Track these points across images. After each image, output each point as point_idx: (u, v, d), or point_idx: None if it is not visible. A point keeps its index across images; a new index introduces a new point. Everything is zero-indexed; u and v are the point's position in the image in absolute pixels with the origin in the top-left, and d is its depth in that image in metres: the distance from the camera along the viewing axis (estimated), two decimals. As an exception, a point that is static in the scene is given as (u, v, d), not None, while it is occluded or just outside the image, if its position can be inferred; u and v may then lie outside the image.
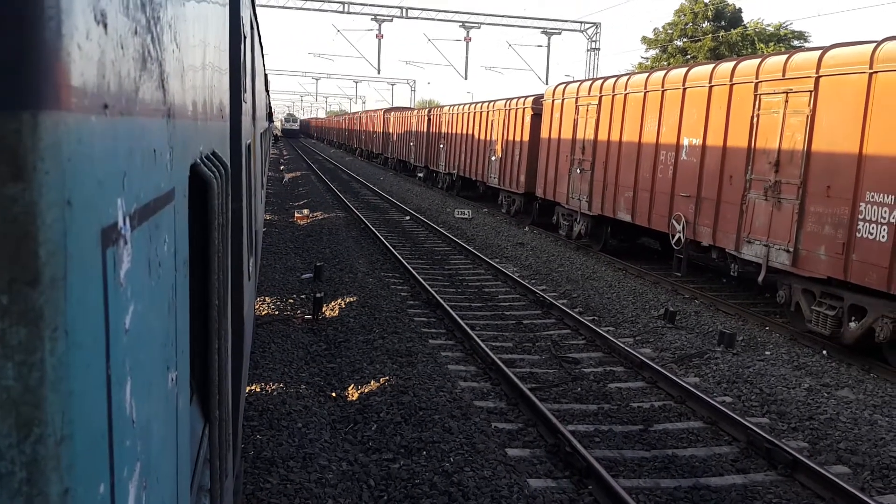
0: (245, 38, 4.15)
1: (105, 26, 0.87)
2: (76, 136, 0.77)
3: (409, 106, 72.32)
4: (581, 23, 43.28)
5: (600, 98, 18.99)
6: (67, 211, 0.74)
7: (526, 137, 24.37)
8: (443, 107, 38.08)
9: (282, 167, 46.10)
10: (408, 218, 25.42)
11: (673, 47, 49.28)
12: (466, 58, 44.35)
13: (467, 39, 41.95)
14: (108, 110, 0.89)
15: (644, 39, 51.13)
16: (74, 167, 0.76)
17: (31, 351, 0.71)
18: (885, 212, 10.05)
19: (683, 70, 15.90)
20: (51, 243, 0.72)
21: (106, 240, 0.88)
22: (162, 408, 1.29)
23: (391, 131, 49.49)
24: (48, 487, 0.72)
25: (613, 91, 18.42)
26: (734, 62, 14.23)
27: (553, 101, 21.95)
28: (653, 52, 51.04)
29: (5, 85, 0.68)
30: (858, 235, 10.45)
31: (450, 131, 34.30)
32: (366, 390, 8.69)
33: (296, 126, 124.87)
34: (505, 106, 26.79)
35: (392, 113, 50.66)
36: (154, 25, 1.19)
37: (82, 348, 0.79)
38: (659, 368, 9.71)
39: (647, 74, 17.50)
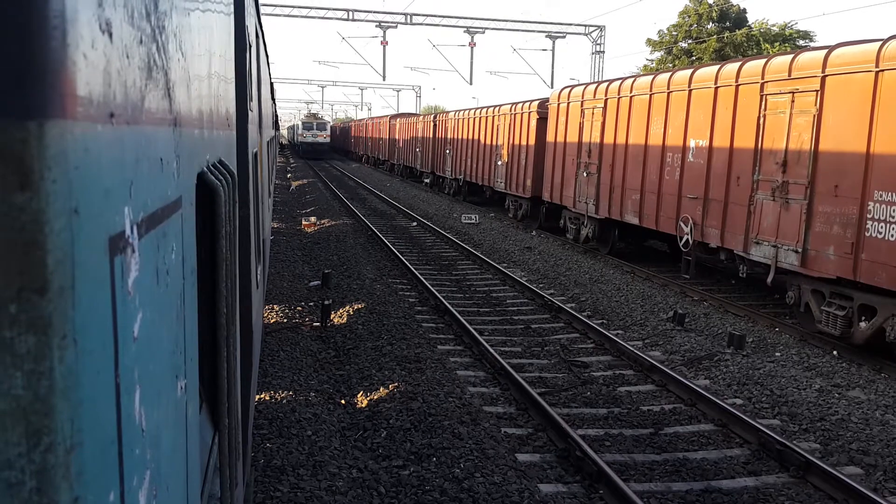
0: (250, 46, 4.17)
1: (110, 35, 0.87)
2: (83, 144, 0.77)
3: (414, 112, 72.42)
4: (585, 26, 43.30)
5: (606, 101, 18.98)
6: (75, 219, 0.75)
7: (532, 141, 24.37)
8: (448, 112, 38.13)
9: (289, 175, 46.21)
10: (415, 224, 25.43)
11: (678, 49, 49.22)
12: (471, 63, 44.43)
13: (472, 45, 42.04)
14: (114, 119, 0.89)
15: (649, 42, 51.09)
16: (81, 176, 0.77)
17: (40, 359, 0.71)
18: (895, 210, 10.01)
19: (689, 71, 15.88)
20: (58, 252, 0.72)
21: (113, 248, 0.88)
22: (171, 416, 1.29)
23: (397, 137, 49.58)
24: (58, 496, 0.72)
25: (619, 94, 18.41)
26: (739, 63, 14.21)
27: (558, 104, 21.95)
28: (658, 55, 50.97)
29: (11, 94, 0.69)
30: (867, 234, 10.41)
31: (456, 136, 34.34)
32: (375, 397, 8.69)
33: (323, 137, 71.67)
34: (510, 110, 26.80)
35: (398, 119, 50.77)
36: (159, 34, 1.19)
37: (91, 357, 0.79)
38: (669, 371, 9.67)
39: (652, 76, 17.49)
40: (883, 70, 10.38)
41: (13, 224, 0.69)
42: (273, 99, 17.97)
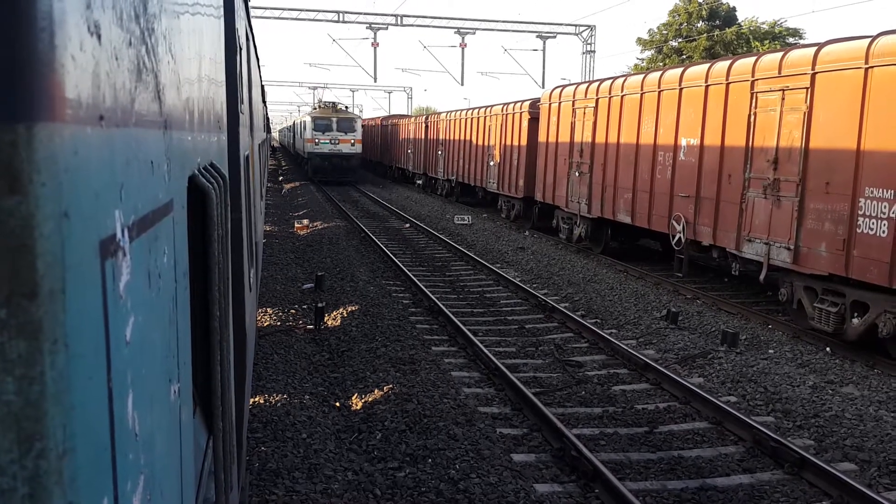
0: (241, 49, 4.15)
1: (99, 37, 0.87)
2: (72, 147, 0.77)
3: (406, 113, 72.36)
4: (576, 26, 43.35)
5: (597, 100, 19.01)
6: (65, 223, 0.74)
7: (524, 142, 24.39)
8: (440, 113, 38.12)
9: (280, 178, 46.11)
10: (407, 225, 25.42)
11: (668, 48, 49.35)
12: (462, 64, 44.41)
13: (462, 45, 42.00)
14: (103, 122, 0.88)
15: (639, 41, 51.21)
16: (71, 179, 0.76)
17: (31, 364, 0.70)
18: (885, 207, 10.05)
19: (679, 70, 15.92)
20: (49, 256, 0.71)
21: (104, 251, 0.88)
22: (165, 420, 1.29)
23: (388, 139, 49.54)
24: (51, 502, 0.71)
25: (610, 93, 18.44)
26: (730, 61, 14.25)
27: (550, 104, 21.97)
28: (648, 54, 51.11)
29: None
30: (859, 231, 10.45)
31: (447, 138, 34.32)
32: (370, 399, 8.68)
33: (349, 144, 42.03)
34: (502, 111, 26.82)
35: (389, 121, 50.74)
36: (149, 37, 1.19)
37: (83, 361, 0.78)
38: (663, 370, 9.69)
39: (643, 75, 17.52)
40: (872, 67, 10.42)
41: (2, 228, 0.68)
42: (264, 101, 17.94)
